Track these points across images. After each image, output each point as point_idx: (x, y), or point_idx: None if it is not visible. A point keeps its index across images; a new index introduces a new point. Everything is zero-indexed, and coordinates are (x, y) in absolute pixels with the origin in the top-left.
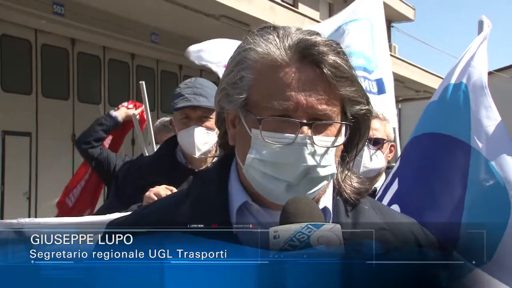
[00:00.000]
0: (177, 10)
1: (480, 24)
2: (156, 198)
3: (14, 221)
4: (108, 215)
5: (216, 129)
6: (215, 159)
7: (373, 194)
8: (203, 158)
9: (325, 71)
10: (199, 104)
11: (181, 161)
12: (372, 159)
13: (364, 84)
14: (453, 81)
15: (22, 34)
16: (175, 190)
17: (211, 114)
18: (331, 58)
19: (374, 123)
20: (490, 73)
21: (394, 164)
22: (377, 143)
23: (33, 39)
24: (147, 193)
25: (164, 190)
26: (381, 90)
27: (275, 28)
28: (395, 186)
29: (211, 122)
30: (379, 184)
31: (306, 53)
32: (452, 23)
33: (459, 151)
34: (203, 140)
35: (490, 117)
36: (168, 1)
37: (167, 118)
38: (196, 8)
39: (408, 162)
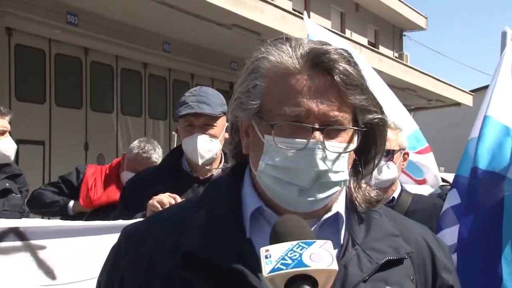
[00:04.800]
0: (189, 19)
1: (504, 35)
2: (159, 206)
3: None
4: (112, 221)
5: (220, 137)
6: (221, 167)
7: (390, 202)
8: (208, 167)
9: (335, 78)
10: (202, 111)
11: (186, 170)
12: (383, 170)
13: None
14: (490, 114)
15: (36, 44)
16: (178, 197)
17: (214, 122)
18: (342, 65)
19: None
20: None
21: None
22: (387, 154)
23: (47, 48)
24: (150, 201)
25: (167, 198)
26: None
27: (287, 39)
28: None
29: (215, 130)
30: (397, 193)
31: (317, 60)
32: (465, 32)
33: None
34: (206, 148)
35: None
36: (180, 10)
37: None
38: (208, 17)
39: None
